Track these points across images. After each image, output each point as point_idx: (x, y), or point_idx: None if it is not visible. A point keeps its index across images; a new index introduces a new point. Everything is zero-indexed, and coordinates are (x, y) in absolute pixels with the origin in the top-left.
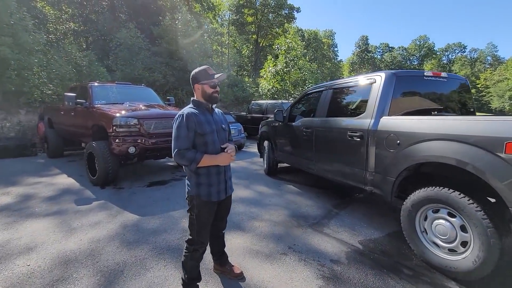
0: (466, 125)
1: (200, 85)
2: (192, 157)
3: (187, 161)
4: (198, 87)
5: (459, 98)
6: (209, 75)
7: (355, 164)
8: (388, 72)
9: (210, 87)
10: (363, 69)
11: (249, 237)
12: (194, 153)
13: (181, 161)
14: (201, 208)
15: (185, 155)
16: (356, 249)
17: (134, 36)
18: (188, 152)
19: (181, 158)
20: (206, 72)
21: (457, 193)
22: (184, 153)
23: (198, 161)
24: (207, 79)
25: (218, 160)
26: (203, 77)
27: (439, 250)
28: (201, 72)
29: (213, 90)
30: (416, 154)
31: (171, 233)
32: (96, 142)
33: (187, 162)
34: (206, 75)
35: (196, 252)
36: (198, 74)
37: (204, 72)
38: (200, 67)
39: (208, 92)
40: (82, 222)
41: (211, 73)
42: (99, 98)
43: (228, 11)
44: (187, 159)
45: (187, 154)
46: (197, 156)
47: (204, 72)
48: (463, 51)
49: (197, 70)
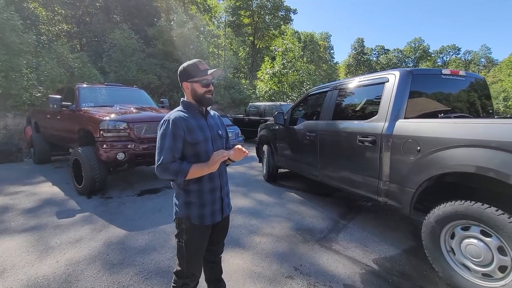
0: (505, 130)
1: (189, 83)
2: (177, 169)
3: (171, 174)
4: (187, 86)
5: (478, 98)
6: (200, 71)
7: (366, 172)
8: (403, 70)
9: (201, 86)
10: (359, 71)
11: (249, 256)
12: (180, 164)
13: (164, 176)
14: (191, 233)
15: (168, 168)
16: (371, 270)
17: (128, 37)
18: (172, 164)
19: (163, 172)
20: (197, 67)
21: (493, 209)
22: (168, 166)
23: (185, 172)
24: (198, 76)
25: (208, 163)
26: (193, 73)
27: (471, 274)
28: (190, 67)
29: (206, 89)
30: (442, 163)
31: (161, 252)
32: (82, 148)
33: (171, 176)
34: (196, 71)
35: (186, 287)
36: (187, 70)
37: (194, 67)
38: (189, 62)
39: (199, 92)
40: (62, 239)
41: (203, 68)
42: (87, 101)
43: (225, 13)
44: (171, 172)
45: (171, 166)
46: (184, 166)
47: (194, 67)
48: (458, 53)
49: (186, 65)
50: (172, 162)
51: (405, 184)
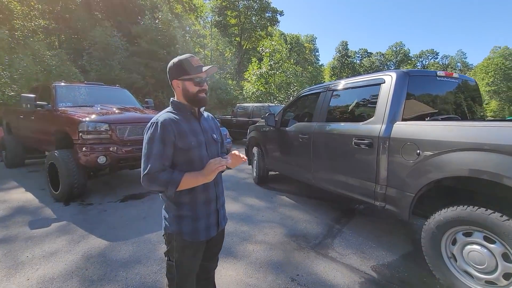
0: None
1: (181, 81)
2: (167, 179)
3: (160, 185)
4: (177, 84)
5: (471, 100)
6: (193, 67)
7: (362, 176)
8: (399, 71)
9: (194, 85)
10: (343, 74)
11: (242, 266)
12: (170, 173)
13: (151, 187)
14: (183, 251)
15: (157, 178)
16: (371, 278)
17: (111, 35)
18: (162, 174)
19: (151, 182)
20: (189, 63)
21: (498, 215)
22: (156, 176)
23: (177, 182)
24: (191, 73)
25: (203, 173)
26: (185, 69)
27: (473, 281)
28: (182, 63)
29: (199, 88)
30: (444, 166)
31: (147, 265)
32: (59, 151)
33: (161, 187)
34: (189, 67)
35: None
36: (178, 66)
37: (186, 63)
38: (180, 57)
39: (191, 91)
40: (34, 252)
41: (197, 65)
42: (65, 100)
43: (211, 12)
44: (160, 183)
45: (160, 176)
46: (175, 176)
47: (186, 63)
48: (436, 57)
49: (176, 60)
50: (162, 171)
51: (404, 188)
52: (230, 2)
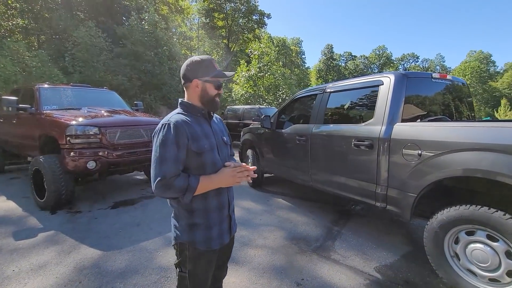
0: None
1: (202, 82)
2: (185, 184)
3: (176, 192)
4: (197, 85)
5: (462, 102)
6: (216, 70)
7: (363, 177)
8: (397, 73)
9: (214, 87)
10: (329, 76)
11: (245, 272)
12: (186, 178)
13: (166, 194)
14: (197, 261)
15: (173, 185)
16: (375, 279)
17: (95, 35)
18: (178, 180)
19: (166, 189)
20: (212, 65)
21: (501, 213)
22: (172, 183)
23: (194, 188)
24: (213, 76)
25: (219, 178)
26: (207, 71)
27: (477, 279)
28: (204, 64)
29: (217, 92)
30: (446, 166)
31: (144, 274)
32: (45, 157)
33: (177, 194)
34: (211, 69)
35: None
36: (201, 66)
37: (209, 65)
38: (202, 56)
39: (210, 93)
40: (21, 266)
41: (218, 68)
42: (49, 103)
43: (197, 14)
44: (176, 190)
45: (177, 183)
46: (192, 181)
47: (208, 64)
48: (416, 60)
49: (198, 60)
50: (177, 176)
51: (406, 189)
52: (217, 4)
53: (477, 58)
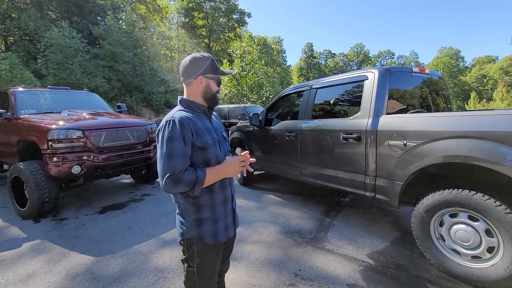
0: (492, 120)
1: (206, 78)
2: (193, 178)
3: (186, 186)
4: (200, 81)
5: (440, 94)
6: (217, 68)
7: (352, 169)
8: (381, 68)
9: (216, 84)
10: (310, 74)
11: (244, 267)
12: (194, 172)
13: (176, 189)
14: (205, 255)
15: (182, 179)
16: (369, 265)
17: (69, 36)
18: (186, 173)
19: (176, 184)
20: (214, 63)
21: (480, 195)
22: (181, 177)
23: (202, 180)
24: (215, 72)
25: (225, 168)
26: (210, 68)
27: (461, 258)
28: (207, 61)
29: (218, 88)
30: (429, 154)
31: (141, 277)
32: (25, 163)
33: (186, 188)
34: (213, 67)
35: None
36: (204, 63)
37: (211, 62)
38: (203, 54)
39: (213, 89)
40: (8, 277)
41: (216, 63)
42: (26, 107)
43: (177, 14)
44: (186, 183)
45: (185, 177)
46: (199, 173)
47: (211, 61)
48: (392, 57)
49: (200, 57)
50: (185, 170)
51: (393, 177)
52: (196, 3)
53: (447, 54)
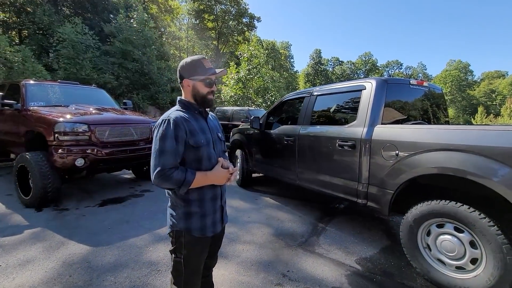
0: (477, 135)
1: (192, 81)
2: (182, 178)
3: (173, 184)
4: (188, 84)
5: (438, 107)
6: (205, 69)
7: (346, 175)
8: (379, 79)
9: (205, 85)
10: (317, 80)
11: (234, 265)
12: (184, 172)
13: (164, 185)
14: (192, 247)
15: (171, 176)
16: (356, 271)
17: (81, 32)
18: (176, 172)
19: (164, 180)
20: (202, 65)
21: (466, 207)
22: (171, 174)
23: (190, 182)
24: (203, 74)
25: (214, 177)
26: (197, 70)
27: (446, 268)
28: (194, 64)
29: (209, 89)
30: (419, 165)
31: (135, 268)
32: (31, 153)
33: (173, 185)
34: (201, 69)
35: None
36: (189, 66)
37: (198, 64)
38: (193, 57)
39: (201, 92)
40: (8, 261)
41: (208, 67)
42: (36, 99)
43: (187, 15)
44: (173, 182)
45: (174, 174)
46: (188, 176)
47: (198, 63)
48: (400, 68)
49: (189, 61)
50: (175, 168)
51: (385, 186)
52: (207, 5)
53: (456, 67)
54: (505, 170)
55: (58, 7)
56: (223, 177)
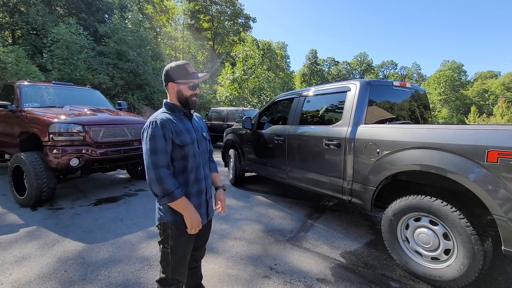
0: (448, 134)
1: (176, 84)
2: (170, 190)
3: (162, 190)
4: (172, 87)
5: (420, 107)
6: (188, 74)
7: (331, 173)
8: (362, 81)
9: (188, 89)
10: (313, 80)
11: (224, 259)
12: (174, 187)
13: (154, 187)
14: (178, 238)
15: (164, 181)
16: (340, 263)
17: (76, 32)
18: (169, 181)
19: (158, 181)
20: (185, 69)
21: (439, 201)
22: (165, 177)
23: (174, 198)
24: (186, 78)
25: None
26: (181, 75)
27: (422, 259)
28: (178, 68)
29: (192, 92)
30: (397, 163)
31: (128, 263)
32: (26, 154)
33: (160, 192)
34: (184, 73)
35: None
36: (174, 71)
37: (182, 69)
38: (177, 62)
39: (185, 94)
40: (4, 258)
41: (192, 71)
42: (31, 100)
43: (183, 15)
44: (163, 188)
45: (167, 182)
46: (176, 193)
47: (182, 68)
48: (395, 68)
49: (173, 65)
50: (168, 166)
51: (367, 182)
52: (203, 6)
53: (450, 67)
54: (472, 167)
55: (52, 7)
56: (195, 224)
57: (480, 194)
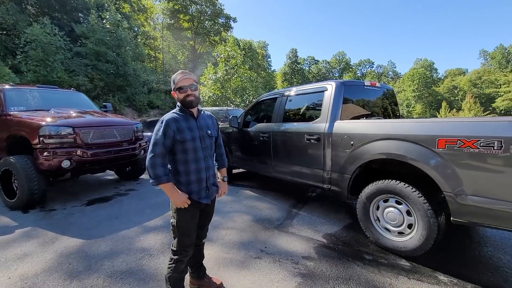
0: (407, 126)
1: (174, 91)
2: (159, 175)
3: (152, 173)
4: (174, 94)
5: (390, 104)
6: (177, 80)
7: (313, 165)
8: (337, 82)
9: (180, 92)
10: (294, 79)
11: (218, 246)
12: (163, 174)
13: (149, 169)
14: (182, 213)
15: (156, 167)
16: (322, 243)
17: (51, 33)
18: (159, 168)
19: (151, 166)
20: (176, 78)
21: (402, 184)
22: (157, 165)
23: (160, 182)
24: (176, 85)
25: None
26: (174, 83)
27: (390, 234)
28: (173, 79)
29: (184, 94)
30: (368, 153)
31: (130, 254)
32: (15, 157)
33: (152, 175)
34: (176, 81)
35: (180, 264)
36: (172, 81)
37: (175, 78)
38: (176, 74)
39: (180, 97)
40: (6, 256)
41: (179, 77)
42: (16, 104)
43: (162, 15)
44: (153, 172)
45: (158, 168)
46: (163, 178)
47: (175, 77)
48: (372, 66)
49: (173, 76)
50: (163, 155)
51: (343, 172)
52: (182, 5)
53: (422, 65)
54: (426, 153)
55: (23, 6)
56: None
57: (433, 175)
